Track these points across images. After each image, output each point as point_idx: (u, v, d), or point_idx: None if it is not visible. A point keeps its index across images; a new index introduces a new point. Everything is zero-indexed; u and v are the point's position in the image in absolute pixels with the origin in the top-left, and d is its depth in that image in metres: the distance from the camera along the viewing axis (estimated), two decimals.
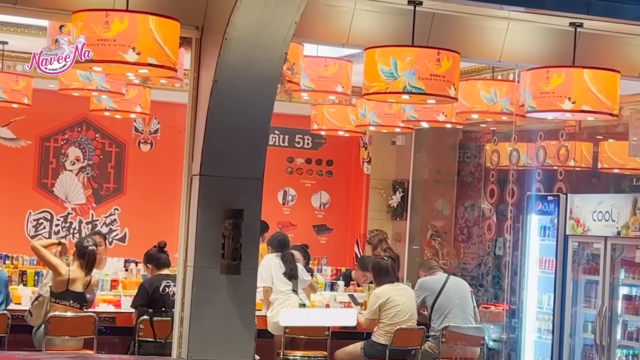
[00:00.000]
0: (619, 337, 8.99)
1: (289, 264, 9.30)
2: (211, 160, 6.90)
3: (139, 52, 6.07)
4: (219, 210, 6.87)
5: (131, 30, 6.09)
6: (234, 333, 6.95)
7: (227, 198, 6.92)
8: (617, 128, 10.86)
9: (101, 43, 6.09)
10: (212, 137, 6.85)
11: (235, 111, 6.84)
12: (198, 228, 6.92)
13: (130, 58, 6.06)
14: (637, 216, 8.64)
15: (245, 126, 6.91)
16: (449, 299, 9.37)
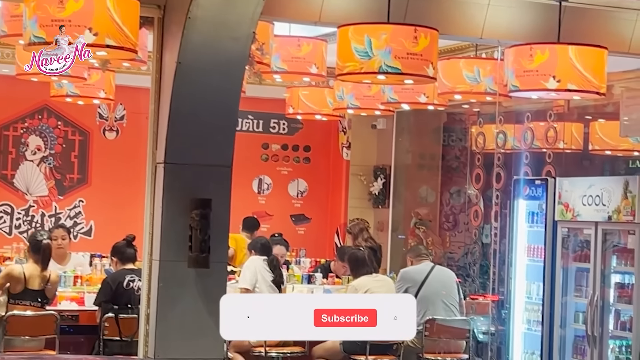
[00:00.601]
0: (612, 327, 9.03)
1: (277, 270, 9.33)
2: (176, 147, 6.89)
3: (96, 32, 6.05)
4: (186, 200, 6.87)
5: (87, 9, 6.06)
6: (203, 330, 6.94)
7: (194, 187, 6.92)
8: (607, 108, 10.90)
9: (55, 24, 6.07)
10: (177, 122, 6.84)
11: (201, 95, 6.83)
12: (163, 219, 6.92)
13: (86, 39, 6.04)
14: (629, 200, 8.67)
15: (212, 110, 6.91)
16: (432, 290, 9.39)
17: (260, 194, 14.17)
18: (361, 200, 13.72)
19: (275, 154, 14.24)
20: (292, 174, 14.32)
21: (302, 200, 14.34)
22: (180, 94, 6.75)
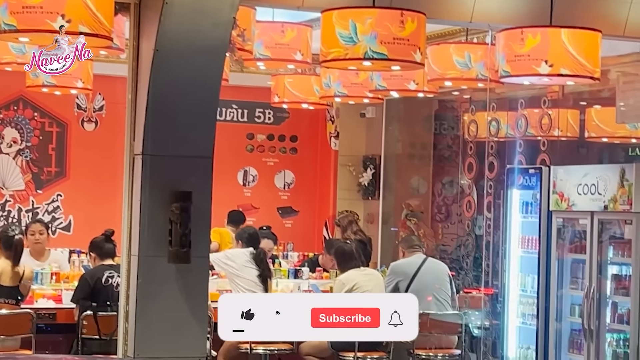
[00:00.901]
0: (609, 320, 9.02)
1: (263, 264, 9.24)
2: (155, 138, 6.86)
3: (69, 19, 6.01)
4: (165, 193, 6.84)
5: None
6: (184, 327, 6.93)
7: (174, 179, 6.89)
8: (603, 93, 10.89)
9: (27, 10, 6.03)
10: (155, 112, 6.80)
11: (179, 83, 6.80)
12: (142, 213, 6.89)
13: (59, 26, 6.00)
14: (625, 188, 8.66)
15: (192, 99, 6.87)
16: (423, 283, 9.39)
17: (245, 186, 14.14)
18: (350, 191, 13.70)
19: (260, 144, 14.20)
20: (279, 165, 14.29)
21: (289, 193, 14.32)
22: (158, 83, 6.72)
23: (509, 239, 10.02)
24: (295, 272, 10.49)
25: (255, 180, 14.19)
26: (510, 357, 9.92)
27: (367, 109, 13.36)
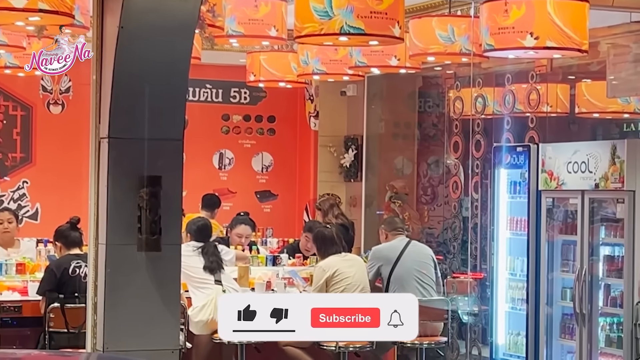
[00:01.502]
0: (601, 303, 9.06)
1: (209, 256, 9.12)
2: (121, 121, 6.82)
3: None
4: (133, 178, 6.80)
5: None
6: (157, 319, 6.91)
7: (142, 163, 6.85)
8: (593, 67, 10.91)
9: None
10: (121, 93, 6.76)
11: (146, 62, 6.76)
12: (109, 199, 6.85)
13: (17, 3, 5.99)
14: (617, 165, 8.68)
15: (160, 79, 6.84)
16: (407, 268, 9.40)
17: (221, 170, 14.12)
18: (331, 173, 13.70)
19: (236, 125, 14.18)
20: (256, 147, 14.27)
21: (267, 176, 14.31)
22: (123, 62, 6.67)
23: (497, 221, 10.05)
24: (274, 259, 10.48)
25: (232, 163, 14.17)
26: (500, 343, 9.96)
27: (348, 87, 13.35)
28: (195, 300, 9.00)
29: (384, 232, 9.89)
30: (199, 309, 8.93)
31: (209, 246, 9.22)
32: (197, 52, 9.97)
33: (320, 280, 9.05)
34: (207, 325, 8.92)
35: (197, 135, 13.10)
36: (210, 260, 9.11)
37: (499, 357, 9.93)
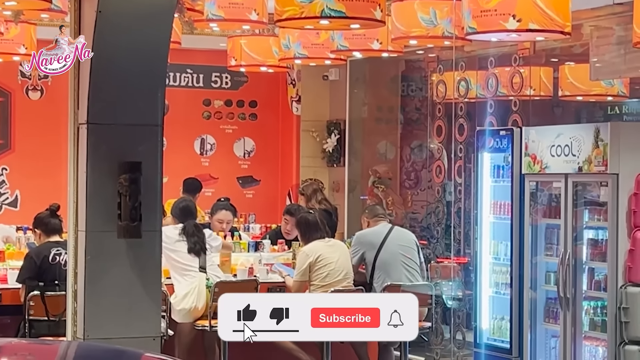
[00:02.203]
0: (585, 287, 9.08)
1: (191, 237, 9.09)
2: (100, 106, 6.81)
3: None
4: (113, 164, 6.80)
5: None
6: (138, 306, 6.91)
7: (121, 149, 6.85)
8: (576, 49, 10.91)
9: None
10: (100, 78, 6.75)
11: (124, 47, 6.74)
12: (89, 186, 6.84)
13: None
14: (600, 149, 8.69)
15: (139, 64, 6.83)
16: (392, 253, 9.43)
17: (203, 156, 14.10)
18: (314, 158, 13.69)
19: (218, 110, 14.15)
20: (238, 133, 14.25)
21: (249, 161, 14.30)
22: (101, 47, 6.65)
23: (481, 205, 10.05)
24: (256, 245, 10.47)
25: (213, 148, 14.14)
26: (484, 328, 9.97)
27: (330, 71, 13.33)
28: (179, 288, 8.98)
29: (366, 220, 9.92)
30: (181, 297, 8.92)
31: (189, 226, 9.17)
32: (177, 36, 9.94)
33: (303, 264, 9.06)
34: (189, 313, 8.91)
35: (178, 121, 13.07)
36: (192, 241, 9.07)
37: (483, 342, 9.95)
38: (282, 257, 10.10)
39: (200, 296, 8.86)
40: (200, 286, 8.89)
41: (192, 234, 9.07)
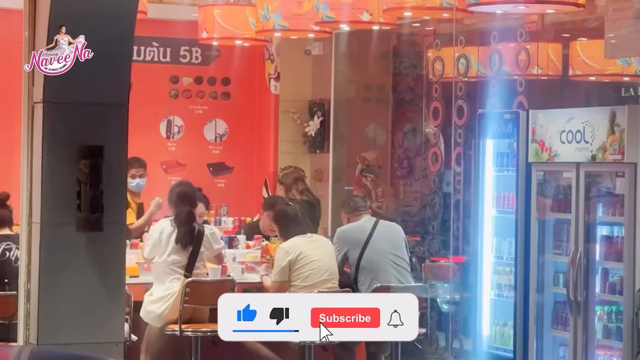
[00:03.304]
0: (598, 290, 9.14)
1: (181, 225, 9.03)
2: (58, 83, 6.82)
3: None
4: (72, 148, 6.82)
5: None
6: (98, 308, 6.94)
7: (82, 131, 6.87)
8: (589, 23, 10.97)
9: None
10: None
11: (86, 16, 6.76)
12: (44, 172, 6.87)
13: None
14: (616, 135, 8.75)
15: (101, 36, 6.83)
16: (379, 251, 9.45)
17: (169, 139, 14.09)
18: (294, 143, 13.72)
19: (187, 89, 14.15)
20: (209, 114, 14.24)
21: (221, 146, 14.30)
22: (60, 16, 6.67)
23: (482, 197, 10.11)
24: (230, 240, 10.49)
25: (181, 131, 14.14)
26: (484, 335, 10.04)
27: (313, 45, 13.35)
28: (157, 288, 8.98)
29: (345, 216, 9.89)
30: (156, 298, 8.93)
31: (182, 213, 9.06)
32: (143, 5, 9.97)
33: (282, 263, 9.07)
34: (160, 317, 8.93)
35: (141, 100, 13.01)
36: (182, 231, 9.01)
37: (484, 351, 10.02)
38: (249, 255, 10.11)
39: (174, 305, 8.88)
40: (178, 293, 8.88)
41: (184, 222, 9.02)
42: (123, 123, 7.04)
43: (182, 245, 8.95)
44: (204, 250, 9.12)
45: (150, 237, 9.18)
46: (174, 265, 8.99)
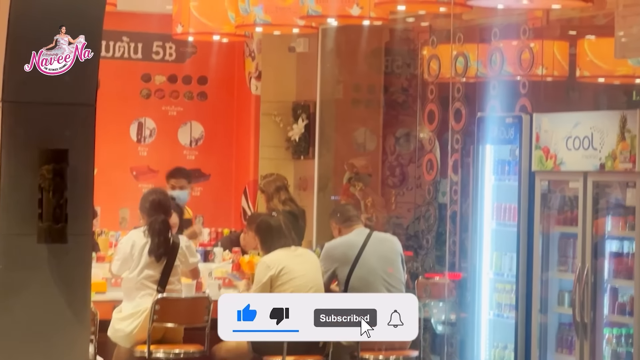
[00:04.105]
0: (607, 311, 9.15)
1: (155, 236, 9.08)
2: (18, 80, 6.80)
3: None
4: (33, 152, 6.80)
5: None
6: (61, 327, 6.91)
7: (44, 134, 6.85)
8: (598, 20, 10.99)
9: None
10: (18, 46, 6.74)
11: (50, 6, 6.74)
12: (2, 178, 6.84)
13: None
14: (627, 141, 8.76)
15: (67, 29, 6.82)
16: (371, 269, 9.44)
17: (140, 143, 14.09)
18: (277, 149, 13.73)
19: (159, 88, 14.15)
20: (183, 115, 14.25)
21: (197, 151, 14.31)
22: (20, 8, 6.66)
23: (481, 209, 10.12)
24: (205, 253, 10.49)
25: (153, 135, 14.15)
26: (482, 359, 10.04)
27: (298, 42, 13.36)
28: (126, 305, 8.97)
29: (336, 226, 9.87)
30: (125, 315, 8.92)
31: (156, 222, 9.10)
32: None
33: (263, 278, 9.06)
34: (129, 337, 8.92)
35: (110, 100, 13.05)
36: (155, 242, 9.04)
37: None
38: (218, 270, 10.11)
39: (145, 323, 8.87)
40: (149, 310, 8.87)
41: (158, 232, 9.02)
42: (90, 125, 7.01)
43: (156, 257, 8.96)
44: (178, 264, 9.12)
45: (119, 251, 9.15)
46: (146, 279, 8.98)
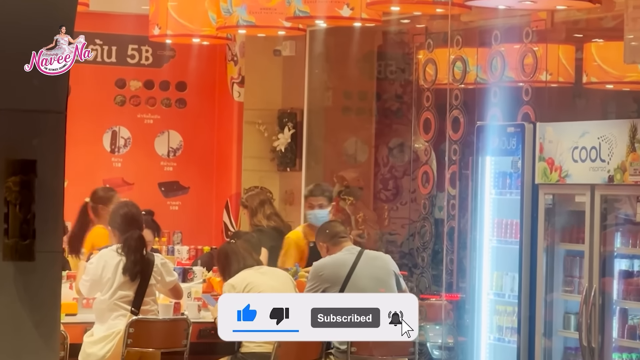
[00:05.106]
0: (616, 334, 9.17)
1: (130, 253, 9.07)
2: None
3: None
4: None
5: None
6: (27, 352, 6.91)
7: (10, 143, 6.84)
8: (606, 22, 11.03)
9: None
10: None
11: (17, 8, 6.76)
12: None
13: None
14: (637, 152, 8.79)
15: (35, 32, 6.84)
16: (360, 289, 9.42)
17: (114, 153, 14.11)
18: (261, 160, 13.75)
19: (135, 94, 14.17)
20: (161, 124, 14.27)
21: (175, 162, 14.32)
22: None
23: (480, 224, 10.14)
24: (184, 272, 10.49)
25: (128, 144, 14.16)
26: None
27: (284, 45, 13.39)
28: (98, 328, 8.98)
29: (324, 245, 9.83)
30: (97, 339, 8.91)
31: (131, 238, 9.10)
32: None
33: None
34: None
35: (82, 107, 13.08)
36: (131, 259, 9.02)
37: None
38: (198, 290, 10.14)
39: (118, 347, 8.88)
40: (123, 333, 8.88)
41: (134, 249, 9.04)
42: (59, 134, 7.01)
43: (131, 276, 8.96)
44: (154, 283, 9.13)
45: (88, 271, 9.12)
46: (120, 300, 8.99)
